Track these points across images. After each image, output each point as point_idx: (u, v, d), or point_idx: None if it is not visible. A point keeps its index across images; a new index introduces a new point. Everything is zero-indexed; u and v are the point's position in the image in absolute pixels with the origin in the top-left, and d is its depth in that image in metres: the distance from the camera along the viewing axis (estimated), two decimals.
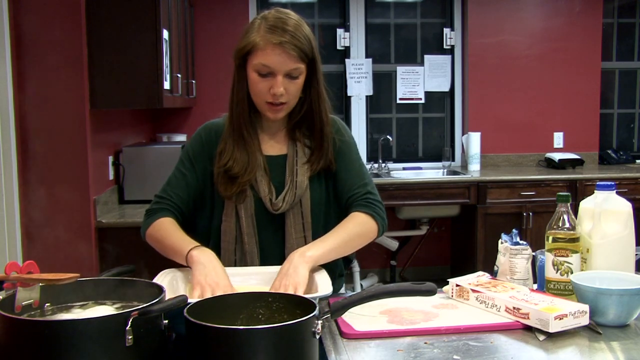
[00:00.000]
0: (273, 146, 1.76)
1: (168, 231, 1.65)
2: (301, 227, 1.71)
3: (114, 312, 1.18)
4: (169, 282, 1.49)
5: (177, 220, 1.70)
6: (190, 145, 1.77)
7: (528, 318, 1.34)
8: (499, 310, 1.41)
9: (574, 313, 1.32)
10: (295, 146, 1.74)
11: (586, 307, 1.34)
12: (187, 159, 1.75)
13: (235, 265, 1.69)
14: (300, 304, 1.18)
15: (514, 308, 1.38)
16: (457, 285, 1.53)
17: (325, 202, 1.76)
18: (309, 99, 1.70)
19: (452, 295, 1.55)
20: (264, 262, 1.71)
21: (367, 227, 1.69)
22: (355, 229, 1.67)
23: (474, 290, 1.48)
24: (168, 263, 1.62)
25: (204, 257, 1.53)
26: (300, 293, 1.41)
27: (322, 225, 1.74)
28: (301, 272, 1.49)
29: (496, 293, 1.45)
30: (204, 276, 1.48)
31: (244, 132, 1.69)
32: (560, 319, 1.30)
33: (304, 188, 1.70)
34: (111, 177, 3.38)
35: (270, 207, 1.69)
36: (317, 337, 1.11)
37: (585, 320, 1.34)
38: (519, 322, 1.36)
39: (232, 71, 1.68)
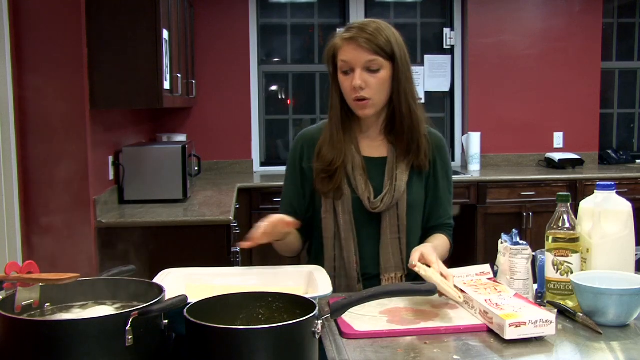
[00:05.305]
0: (373, 149, 1.81)
1: None
2: (396, 229, 1.78)
3: (114, 312, 1.18)
4: (169, 282, 1.49)
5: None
6: (289, 156, 1.88)
7: (492, 322, 1.33)
8: (476, 312, 1.40)
9: (536, 322, 1.28)
10: (395, 150, 1.79)
11: (552, 317, 1.30)
12: (289, 169, 1.86)
13: (335, 262, 1.78)
14: (300, 304, 1.18)
15: (484, 312, 1.36)
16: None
17: (422, 203, 1.83)
18: (393, 98, 1.74)
19: None
20: (361, 259, 1.78)
21: (447, 249, 1.84)
22: (446, 249, 1.83)
23: (462, 291, 1.48)
24: (168, 263, 1.62)
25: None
26: (436, 263, 1.52)
27: (417, 225, 1.83)
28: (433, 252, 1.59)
29: (477, 294, 1.43)
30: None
31: (339, 134, 1.76)
32: (517, 326, 1.27)
33: (402, 192, 1.76)
34: (111, 177, 3.38)
35: (368, 205, 1.75)
36: (317, 337, 1.11)
37: (551, 330, 1.29)
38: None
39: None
